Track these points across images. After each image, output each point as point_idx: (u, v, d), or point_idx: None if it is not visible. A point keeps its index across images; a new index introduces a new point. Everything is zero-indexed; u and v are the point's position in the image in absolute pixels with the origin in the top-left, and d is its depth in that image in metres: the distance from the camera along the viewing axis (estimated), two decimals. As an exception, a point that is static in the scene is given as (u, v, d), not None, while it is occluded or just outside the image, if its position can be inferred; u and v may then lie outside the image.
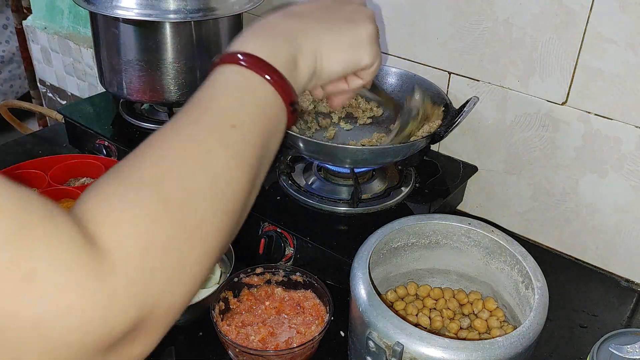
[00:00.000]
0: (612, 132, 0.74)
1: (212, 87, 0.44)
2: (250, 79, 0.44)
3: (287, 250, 0.75)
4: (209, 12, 0.85)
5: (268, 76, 0.44)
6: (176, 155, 0.39)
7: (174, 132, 0.41)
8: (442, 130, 0.75)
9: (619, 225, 0.78)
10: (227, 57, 0.46)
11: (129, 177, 0.37)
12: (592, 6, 0.69)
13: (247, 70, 0.44)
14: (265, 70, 0.44)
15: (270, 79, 0.44)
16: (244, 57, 0.45)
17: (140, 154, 0.39)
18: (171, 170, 0.37)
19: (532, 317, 0.53)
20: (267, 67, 0.45)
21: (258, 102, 0.44)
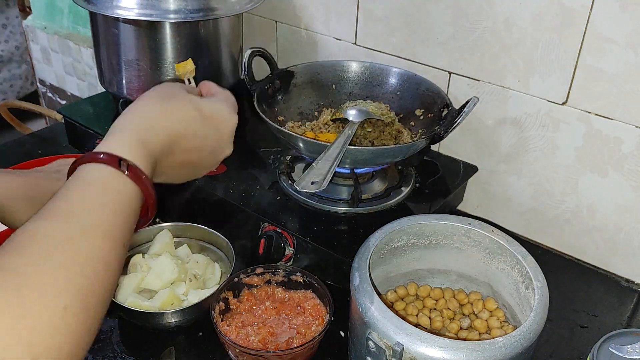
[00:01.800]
0: (613, 132, 0.74)
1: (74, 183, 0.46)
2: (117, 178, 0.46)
3: (287, 250, 0.75)
4: (209, 12, 0.84)
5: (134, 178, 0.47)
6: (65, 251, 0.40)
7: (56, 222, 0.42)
8: (442, 131, 0.75)
9: (619, 225, 0.78)
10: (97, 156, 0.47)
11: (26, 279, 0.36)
12: (592, 6, 0.69)
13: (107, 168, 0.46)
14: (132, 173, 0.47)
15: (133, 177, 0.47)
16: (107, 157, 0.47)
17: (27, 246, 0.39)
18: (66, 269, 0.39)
19: (532, 317, 0.53)
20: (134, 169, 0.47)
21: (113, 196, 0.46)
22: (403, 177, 0.85)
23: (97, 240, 0.42)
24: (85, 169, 0.46)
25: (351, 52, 0.95)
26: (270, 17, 1.03)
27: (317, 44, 0.99)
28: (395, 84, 0.88)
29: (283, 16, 1.01)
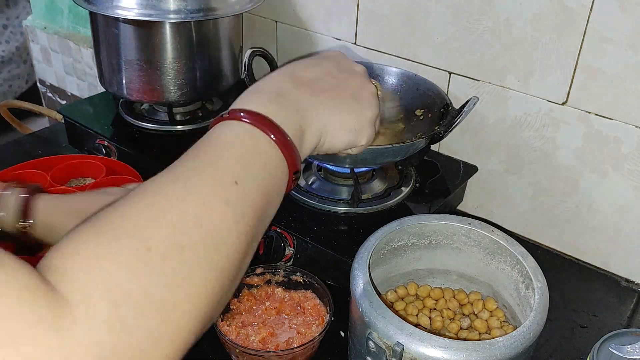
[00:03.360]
0: (613, 132, 0.74)
1: (217, 140, 0.42)
2: (259, 139, 0.43)
3: (287, 250, 0.75)
4: (209, 12, 0.85)
5: (277, 139, 0.43)
6: (170, 204, 0.36)
7: (171, 179, 0.38)
8: (442, 130, 0.75)
9: (619, 225, 0.78)
10: (236, 114, 0.44)
11: (109, 224, 0.34)
12: (592, 6, 0.69)
13: (257, 129, 0.43)
14: (275, 133, 0.43)
15: (279, 142, 0.43)
16: (255, 117, 0.43)
17: (130, 201, 0.36)
18: (160, 220, 0.35)
19: (532, 317, 0.53)
20: (277, 131, 0.43)
21: (263, 163, 0.42)
22: (403, 177, 0.85)
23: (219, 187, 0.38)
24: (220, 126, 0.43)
25: (351, 52, 0.95)
26: (270, 17, 1.03)
27: (317, 44, 0.99)
28: (395, 84, 0.88)
29: (283, 16, 1.01)
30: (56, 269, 0.31)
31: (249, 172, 0.41)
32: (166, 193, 0.37)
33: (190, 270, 0.35)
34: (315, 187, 0.82)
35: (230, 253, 0.38)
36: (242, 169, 0.40)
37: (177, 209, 0.36)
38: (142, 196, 0.36)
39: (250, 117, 0.43)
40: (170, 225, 0.35)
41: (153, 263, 0.33)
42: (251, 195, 0.40)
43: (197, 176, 0.38)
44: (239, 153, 0.41)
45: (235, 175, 0.39)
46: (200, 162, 0.40)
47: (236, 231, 0.38)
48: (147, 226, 0.34)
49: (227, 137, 0.42)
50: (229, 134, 0.43)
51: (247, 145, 0.42)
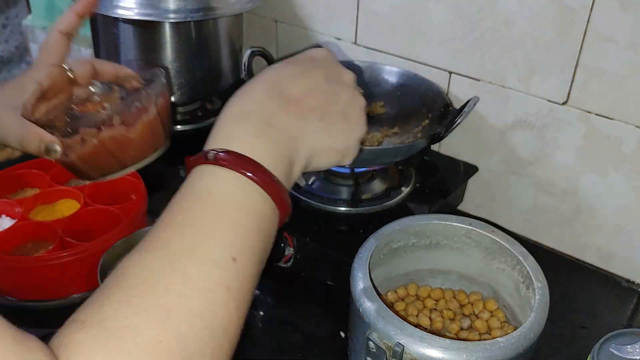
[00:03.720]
0: (613, 132, 0.74)
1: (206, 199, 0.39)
2: (253, 195, 0.40)
3: (287, 251, 0.75)
4: (209, 12, 0.84)
5: (273, 193, 0.40)
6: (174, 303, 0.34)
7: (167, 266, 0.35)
8: (442, 130, 0.75)
9: (619, 225, 0.78)
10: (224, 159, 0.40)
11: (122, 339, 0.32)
12: (592, 6, 0.69)
13: (251, 183, 0.39)
14: (272, 186, 0.40)
15: (275, 196, 0.40)
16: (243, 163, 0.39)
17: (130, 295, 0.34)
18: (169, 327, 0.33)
19: (532, 318, 0.53)
20: (273, 183, 0.40)
21: (259, 224, 0.40)
22: (403, 177, 0.84)
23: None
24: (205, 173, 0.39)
25: (351, 52, 0.95)
26: (270, 16, 1.03)
27: (317, 44, 0.99)
28: (395, 83, 0.88)
29: (283, 16, 1.01)
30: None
31: (245, 241, 0.38)
32: (166, 287, 0.35)
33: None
34: (315, 187, 0.82)
35: (232, 337, 0.37)
36: (239, 240, 0.38)
37: (181, 308, 0.34)
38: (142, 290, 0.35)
39: (238, 163, 0.40)
40: (178, 332, 0.34)
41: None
42: (250, 268, 0.38)
43: (194, 259, 0.36)
44: (233, 218, 0.38)
45: (232, 250, 0.37)
46: (194, 238, 0.37)
47: (237, 316, 0.37)
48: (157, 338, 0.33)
49: (216, 194, 0.39)
50: (218, 190, 0.39)
51: (240, 205, 0.39)
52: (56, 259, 0.68)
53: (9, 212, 0.76)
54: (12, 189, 0.82)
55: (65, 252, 0.68)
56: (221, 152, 0.40)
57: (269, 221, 0.41)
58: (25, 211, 0.75)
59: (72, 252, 0.68)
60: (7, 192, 0.81)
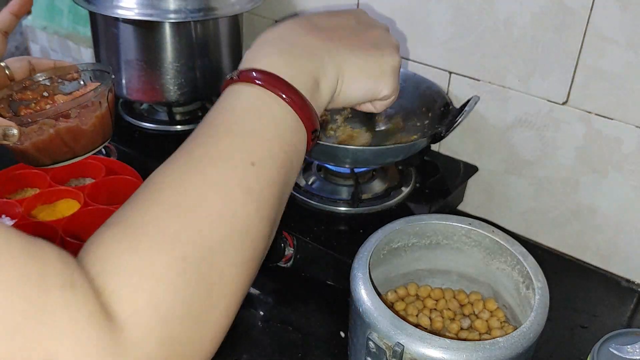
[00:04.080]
0: (613, 132, 0.74)
1: (229, 113, 0.41)
2: (272, 105, 0.40)
3: (287, 250, 0.75)
4: (209, 12, 0.84)
5: (291, 102, 0.41)
6: (193, 202, 0.35)
7: (189, 170, 0.37)
8: (442, 130, 0.75)
9: (619, 225, 0.78)
10: (246, 75, 0.42)
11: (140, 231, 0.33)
12: (592, 6, 0.69)
13: (269, 93, 0.40)
14: (289, 95, 0.41)
15: (294, 105, 0.41)
16: (265, 77, 0.41)
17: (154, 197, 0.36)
18: (189, 223, 0.34)
19: (532, 318, 0.53)
20: (290, 91, 0.41)
21: (280, 133, 0.40)
22: (403, 177, 0.84)
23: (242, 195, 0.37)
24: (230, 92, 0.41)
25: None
26: (270, 16, 1.03)
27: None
28: (395, 83, 0.88)
29: (283, 16, 1.01)
30: (103, 291, 0.31)
31: (265, 149, 0.39)
32: (187, 188, 0.36)
33: (222, 271, 0.35)
34: (315, 187, 0.82)
35: (255, 241, 0.37)
36: (258, 147, 0.39)
37: (201, 207, 0.35)
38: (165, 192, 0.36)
39: (259, 78, 0.41)
40: (198, 228, 0.34)
41: (189, 273, 0.33)
42: (270, 173, 0.39)
43: (213, 163, 0.37)
44: (252, 127, 0.39)
45: (252, 155, 0.38)
46: (215, 145, 0.39)
47: (258, 218, 0.37)
48: (178, 232, 0.34)
49: (238, 107, 0.41)
50: (240, 103, 0.41)
51: (260, 115, 0.40)
52: (56, 259, 0.68)
53: (9, 212, 0.76)
54: (12, 189, 0.82)
55: (65, 252, 0.68)
56: (245, 71, 0.42)
57: (291, 130, 0.41)
58: (25, 211, 0.75)
59: (72, 252, 0.68)
60: (7, 192, 0.81)
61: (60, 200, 0.79)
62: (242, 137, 0.39)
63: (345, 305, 0.60)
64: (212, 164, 0.37)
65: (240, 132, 0.39)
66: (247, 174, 0.37)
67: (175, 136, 0.95)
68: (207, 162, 0.37)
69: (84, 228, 0.74)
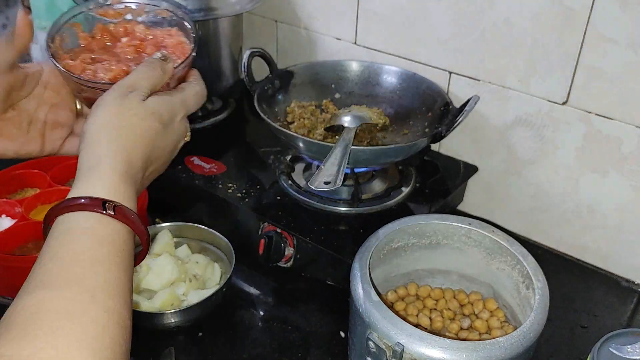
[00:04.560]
0: (613, 132, 0.74)
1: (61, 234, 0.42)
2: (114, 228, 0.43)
3: (287, 251, 0.75)
4: (209, 12, 0.84)
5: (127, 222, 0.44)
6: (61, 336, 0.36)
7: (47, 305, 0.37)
8: (443, 130, 0.75)
9: (619, 225, 0.78)
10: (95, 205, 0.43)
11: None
12: (592, 6, 0.69)
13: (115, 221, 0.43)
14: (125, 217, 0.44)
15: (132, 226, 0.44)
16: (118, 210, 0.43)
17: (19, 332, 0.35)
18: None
19: (532, 318, 0.53)
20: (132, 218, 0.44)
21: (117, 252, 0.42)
22: (403, 177, 0.84)
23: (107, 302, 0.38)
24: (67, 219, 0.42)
25: (351, 52, 0.95)
26: (270, 17, 1.03)
27: (317, 44, 0.99)
28: (395, 83, 0.88)
29: (283, 16, 1.01)
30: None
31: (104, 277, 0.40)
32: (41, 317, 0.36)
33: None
34: (315, 187, 0.82)
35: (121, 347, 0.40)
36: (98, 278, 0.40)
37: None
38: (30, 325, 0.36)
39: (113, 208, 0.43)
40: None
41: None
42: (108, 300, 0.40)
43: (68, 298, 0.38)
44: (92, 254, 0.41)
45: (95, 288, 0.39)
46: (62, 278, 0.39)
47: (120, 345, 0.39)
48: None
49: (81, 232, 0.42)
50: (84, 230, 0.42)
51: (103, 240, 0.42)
52: (56, 259, 0.68)
53: (9, 212, 0.76)
54: (12, 189, 0.82)
55: (65, 252, 0.68)
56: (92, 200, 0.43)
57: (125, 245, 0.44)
58: (26, 211, 0.75)
59: (72, 252, 0.68)
60: (7, 192, 0.81)
61: (60, 200, 0.79)
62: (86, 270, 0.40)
63: (345, 305, 0.60)
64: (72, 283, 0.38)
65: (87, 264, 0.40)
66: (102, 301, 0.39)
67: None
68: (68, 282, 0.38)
69: (84, 228, 0.74)
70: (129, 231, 0.44)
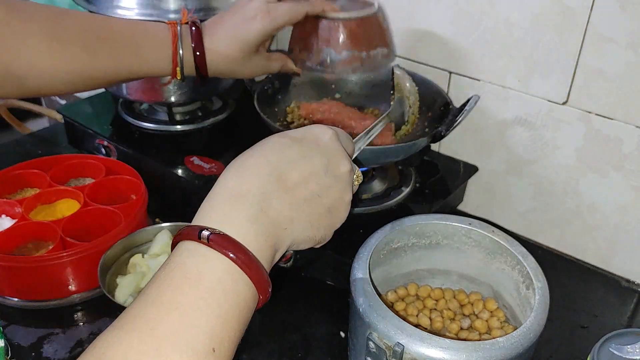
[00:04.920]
0: (613, 132, 0.74)
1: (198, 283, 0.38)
2: (239, 282, 0.39)
3: (287, 250, 0.74)
4: (209, 12, 0.84)
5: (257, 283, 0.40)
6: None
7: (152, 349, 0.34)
8: (443, 130, 0.75)
9: (619, 225, 0.78)
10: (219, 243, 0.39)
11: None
12: (592, 6, 0.69)
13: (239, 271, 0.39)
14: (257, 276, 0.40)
15: (259, 286, 0.40)
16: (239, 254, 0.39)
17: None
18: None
19: (532, 318, 0.53)
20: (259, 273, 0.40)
21: (241, 310, 0.39)
22: (403, 177, 0.84)
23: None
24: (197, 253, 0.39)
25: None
26: (270, 17, 1.03)
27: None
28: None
29: (283, 16, 1.01)
30: None
31: (226, 330, 0.38)
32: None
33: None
34: (315, 187, 0.82)
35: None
36: (221, 329, 0.37)
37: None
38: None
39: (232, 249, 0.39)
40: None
41: None
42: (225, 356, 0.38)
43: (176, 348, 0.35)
44: (219, 304, 0.38)
45: (214, 340, 0.37)
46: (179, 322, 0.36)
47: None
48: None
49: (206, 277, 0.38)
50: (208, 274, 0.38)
51: (227, 291, 0.38)
52: (56, 259, 0.68)
53: (9, 212, 0.76)
54: (12, 189, 0.82)
55: (65, 252, 0.68)
56: (215, 234, 0.39)
57: (249, 309, 0.41)
58: (25, 211, 0.75)
59: (72, 252, 0.68)
60: (7, 192, 0.81)
61: (60, 200, 0.79)
62: (207, 318, 0.37)
63: (345, 305, 0.60)
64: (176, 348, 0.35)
65: (206, 310, 0.37)
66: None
67: (175, 136, 0.95)
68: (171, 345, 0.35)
69: (84, 228, 0.74)
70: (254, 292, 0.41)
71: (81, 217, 0.75)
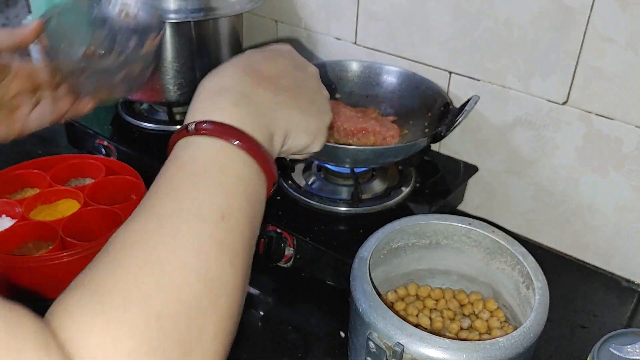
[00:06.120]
0: (613, 132, 0.74)
1: (190, 166, 0.39)
2: (236, 159, 0.40)
3: (287, 251, 0.75)
4: (209, 12, 0.84)
5: (255, 155, 0.41)
6: (164, 259, 0.34)
7: (157, 226, 0.36)
8: (443, 129, 0.75)
9: (619, 225, 0.78)
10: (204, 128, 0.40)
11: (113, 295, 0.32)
12: (592, 6, 0.69)
13: (232, 147, 0.40)
14: (252, 149, 0.40)
15: (258, 158, 0.41)
16: (227, 130, 0.40)
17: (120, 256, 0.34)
18: (161, 280, 0.33)
19: (532, 318, 0.53)
20: (253, 145, 0.41)
21: (245, 186, 0.40)
22: (403, 177, 0.84)
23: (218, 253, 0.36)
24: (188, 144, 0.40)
25: (351, 52, 0.95)
26: (270, 16, 1.03)
27: (317, 44, 0.99)
28: (395, 83, 0.88)
29: (283, 16, 1.01)
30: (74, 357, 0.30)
31: (233, 202, 0.38)
32: (156, 245, 0.35)
33: (201, 326, 0.34)
34: (315, 187, 0.82)
35: (231, 293, 0.37)
36: (225, 200, 0.38)
37: (173, 263, 0.34)
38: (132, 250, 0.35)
39: (220, 130, 0.40)
40: (171, 285, 0.34)
41: (166, 331, 0.32)
42: (239, 226, 0.38)
43: (182, 219, 0.36)
44: (218, 180, 0.39)
45: (220, 209, 0.37)
46: (180, 200, 0.37)
47: (232, 270, 0.37)
48: (149, 290, 0.33)
49: (200, 160, 0.39)
50: (201, 157, 0.40)
51: (225, 168, 0.39)
52: (56, 259, 0.68)
53: (9, 212, 0.76)
54: (12, 189, 0.82)
55: (65, 252, 0.68)
56: (202, 123, 0.41)
57: (255, 185, 0.41)
58: (26, 211, 0.75)
59: (72, 252, 0.68)
60: (7, 192, 0.81)
61: (60, 200, 0.79)
62: (208, 191, 0.38)
63: (345, 305, 0.60)
64: (181, 219, 0.36)
65: (205, 186, 0.38)
66: (217, 228, 0.37)
67: (175, 136, 0.95)
68: (176, 217, 0.36)
69: (84, 228, 0.74)
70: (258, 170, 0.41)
71: (81, 217, 0.75)
